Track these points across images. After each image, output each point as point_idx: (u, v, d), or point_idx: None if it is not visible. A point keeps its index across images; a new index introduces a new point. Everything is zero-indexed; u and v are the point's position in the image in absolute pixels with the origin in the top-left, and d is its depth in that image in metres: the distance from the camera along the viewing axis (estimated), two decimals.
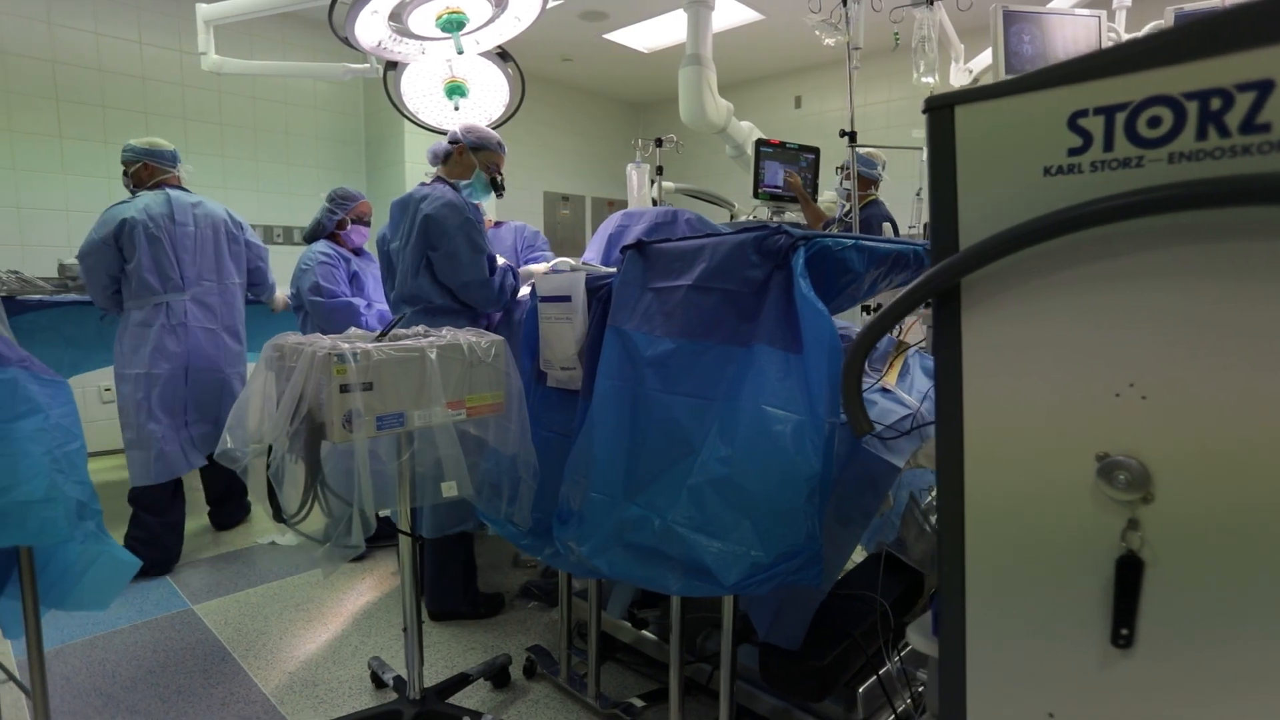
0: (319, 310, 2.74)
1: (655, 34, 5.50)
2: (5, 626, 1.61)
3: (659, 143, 3.29)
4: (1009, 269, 0.89)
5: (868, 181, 3.42)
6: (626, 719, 1.73)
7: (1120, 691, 0.83)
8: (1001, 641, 0.91)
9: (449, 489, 1.45)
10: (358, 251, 3.02)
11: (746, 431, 1.22)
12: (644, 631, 2.02)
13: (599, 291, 1.63)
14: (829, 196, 4.12)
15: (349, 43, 2.60)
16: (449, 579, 2.29)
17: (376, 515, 1.59)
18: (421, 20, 2.52)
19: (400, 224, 2.19)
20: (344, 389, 1.33)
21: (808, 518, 1.18)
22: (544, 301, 1.71)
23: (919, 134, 2.70)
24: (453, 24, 2.51)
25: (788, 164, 3.58)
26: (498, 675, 1.95)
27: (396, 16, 2.51)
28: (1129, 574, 0.79)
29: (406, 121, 5.06)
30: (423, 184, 2.29)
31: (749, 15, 5.11)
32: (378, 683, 1.96)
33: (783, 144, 3.55)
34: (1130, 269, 0.78)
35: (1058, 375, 0.84)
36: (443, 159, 2.32)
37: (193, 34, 4.49)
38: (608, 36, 5.48)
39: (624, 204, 7.68)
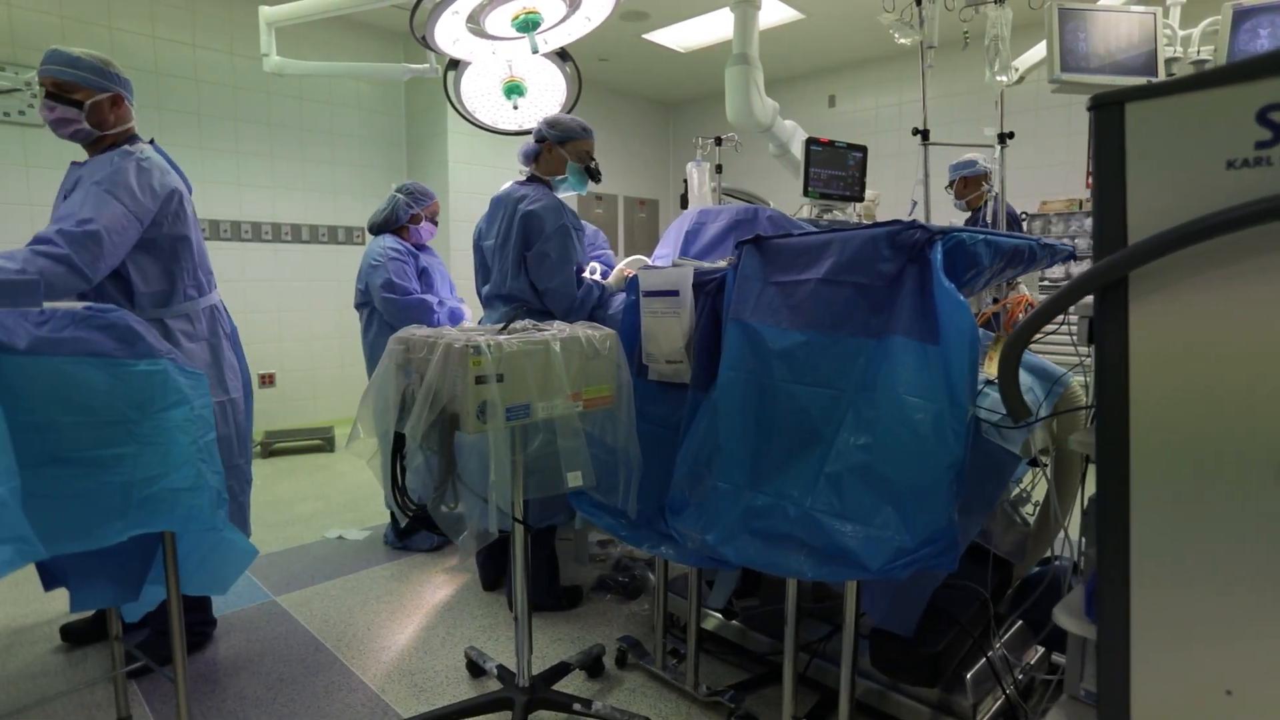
0: (391, 307, 2.75)
1: (693, 34, 5.53)
2: (127, 610, 1.66)
3: (718, 141, 3.31)
4: (1183, 261, 0.91)
5: (978, 179, 3.41)
6: (731, 706, 1.76)
7: None
8: (1171, 619, 0.93)
9: (574, 479, 1.48)
10: (421, 247, 3.01)
11: (886, 420, 1.25)
12: (732, 621, 2.06)
13: (706, 286, 1.66)
14: (872, 195, 4.14)
15: (425, 43, 2.65)
16: (533, 572, 2.33)
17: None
18: (498, 21, 2.56)
19: (496, 221, 2.24)
20: (479, 380, 1.36)
21: (949, 504, 1.21)
22: (648, 296, 1.75)
23: (990, 131, 2.73)
24: (529, 24, 2.55)
25: (836, 163, 3.60)
26: (592, 665, 1.98)
27: (474, 18, 2.55)
28: None
29: (449, 122, 5.14)
30: (517, 183, 2.33)
31: (789, 14, 5.13)
32: (474, 671, 2.00)
33: (832, 143, 3.57)
34: None
35: (1236, 368, 0.86)
36: (533, 158, 2.34)
37: (244, 36, 4.57)
38: (646, 36, 5.51)
39: (655, 203, 7.72)
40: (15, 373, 1.18)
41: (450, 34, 2.60)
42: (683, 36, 5.59)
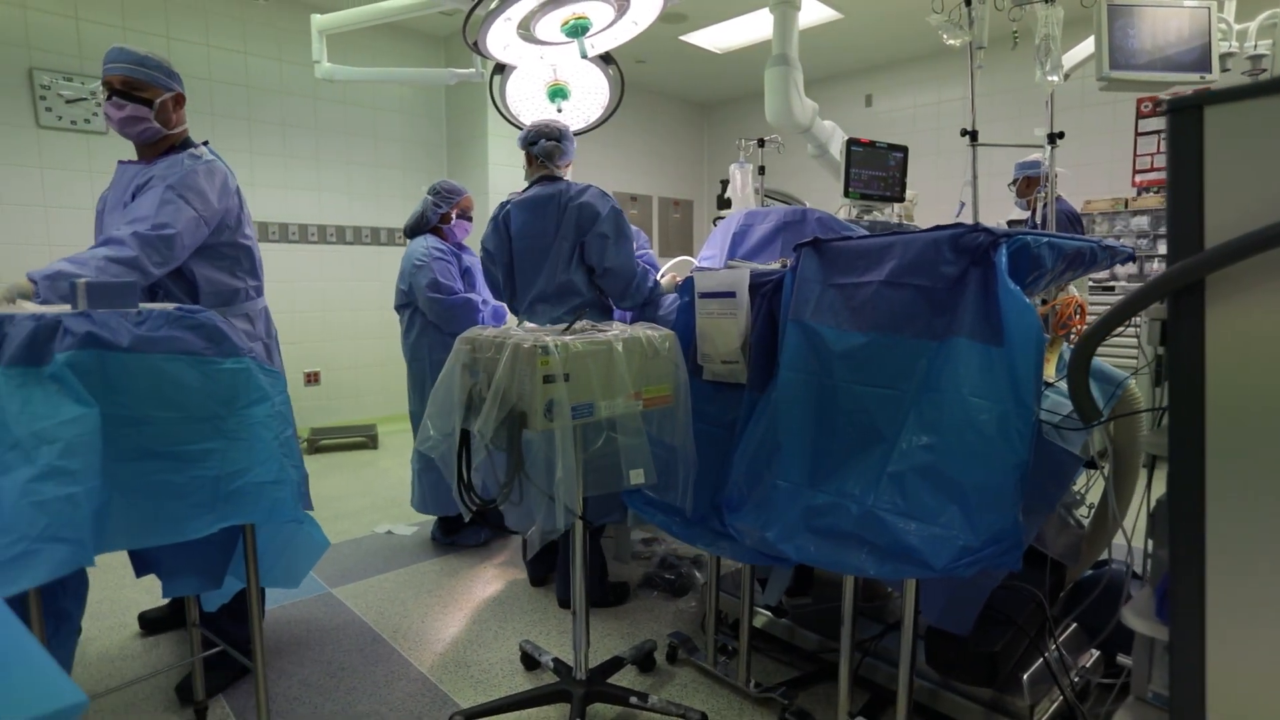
0: (437, 307, 2.78)
1: (730, 35, 5.54)
2: (206, 599, 1.74)
3: (761, 143, 3.33)
4: (1263, 263, 0.91)
5: (1037, 180, 3.37)
6: (784, 702, 1.79)
7: None
8: (1247, 620, 0.93)
9: (636, 476, 1.52)
10: (462, 247, 3.01)
11: (950, 421, 1.27)
12: (781, 619, 2.08)
13: (763, 287, 1.69)
14: (911, 195, 4.13)
15: (477, 49, 2.70)
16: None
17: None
18: (547, 26, 2.61)
19: (536, 221, 2.27)
20: (547, 379, 1.40)
21: (1014, 504, 1.22)
22: (704, 298, 1.77)
23: (1040, 131, 2.71)
24: (578, 29, 2.59)
25: (877, 163, 3.59)
26: (644, 660, 2.02)
27: (524, 24, 2.60)
28: None
29: (489, 125, 5.22)
30: (540, 182, 2.37)
31: (827, 14, 5.12)
32: (529, 664, 2.04)
33: (873, 143, 3.57)
34: None
35: None
36: (556, 159, 2.41)
37: (293, 43, 4.69)
38: (683, 38, 5.54)
39: (689, 204, 7.73)
40: (118, 369, 1.25)
41: (501, 40, 2.66)
42: (719, 38, 5.61)
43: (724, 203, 4.08)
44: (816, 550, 1.41)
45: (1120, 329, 1.10)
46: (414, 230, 2.96)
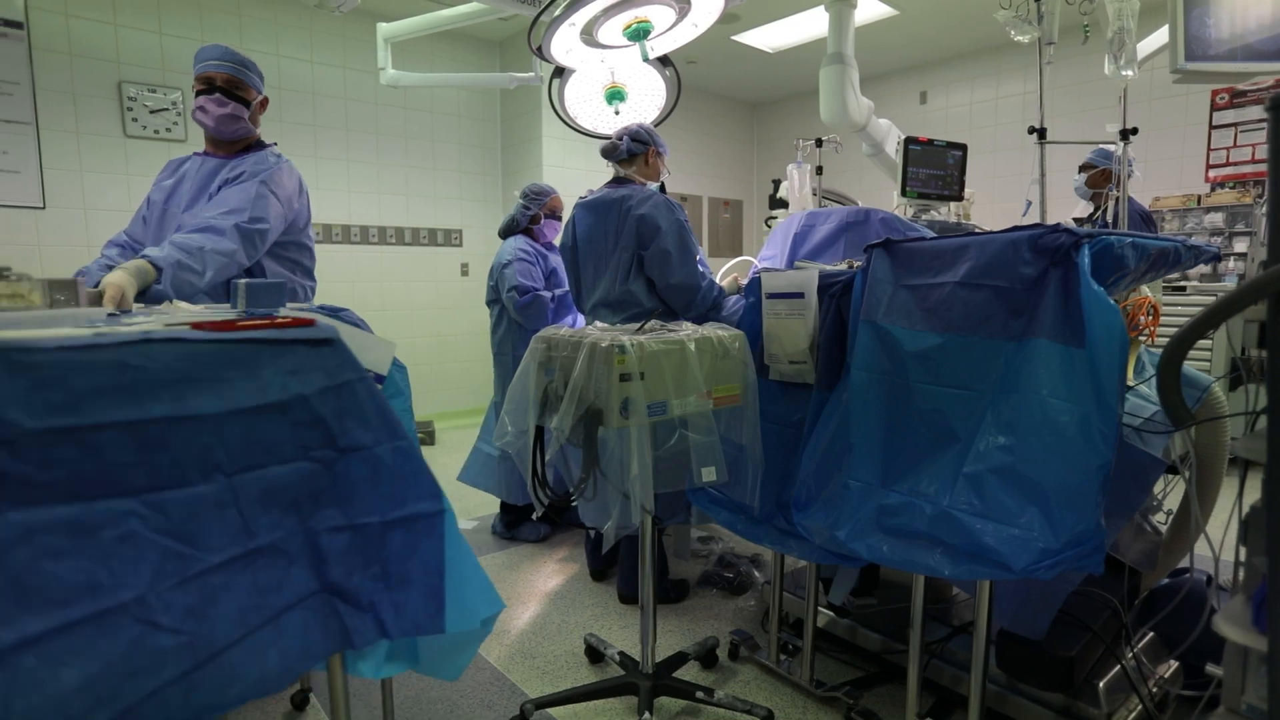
0: (513, 306, 2.85)
1: (782, 34, 5.52)
2: None
3: (819, 142, 3.32)
4: None
5: (1109, 175, 3.26)
6: (849, 701, 1.79)
7: None
8: None
9: (708, 474, 1.54)
10: (551, 246, 3.07)
11: (1029, 422, 1.26)
12: (843, 619, 2.08)
13: (831, 288, 1.69)
14: (968, 193, 4.05)
15: (540, 54, 2.76)
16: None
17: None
18: (610, 30, 2.65)
19: (600, 226, 2.30)
20: (623, 378, 1.44)
21: (1096, 506, 1.21)
22: (771, 298, 1.79)
23: (1112, 127, 2.64)
24: (640, 32, 2.63)
25: (935, 162, 3.54)
26: (706, 656, 2.04)
27: (587, 29, 2.65)
28: None
29: (543, 127, 5.31)
30: (610, 185, 2.40)
31: (882, 11, 5.06)
32: (593, 657, 2.09)
33: (931, 141, 3.52)
34: None
35: None
36: (631, 161, 2.40)
37: (357, 51, 4.84)
38: (735, 38, 5.54)
39: (739, 204, 7.71)
40: None
41: (565, 45, 2.71)
42: (772, 37, 5.59)
43: (776, 203, 4.07)
44: (889, 550, 1.41)
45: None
46: (506, 231, 3.05)
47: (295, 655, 0.86)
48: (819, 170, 3.39)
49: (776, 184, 4.01)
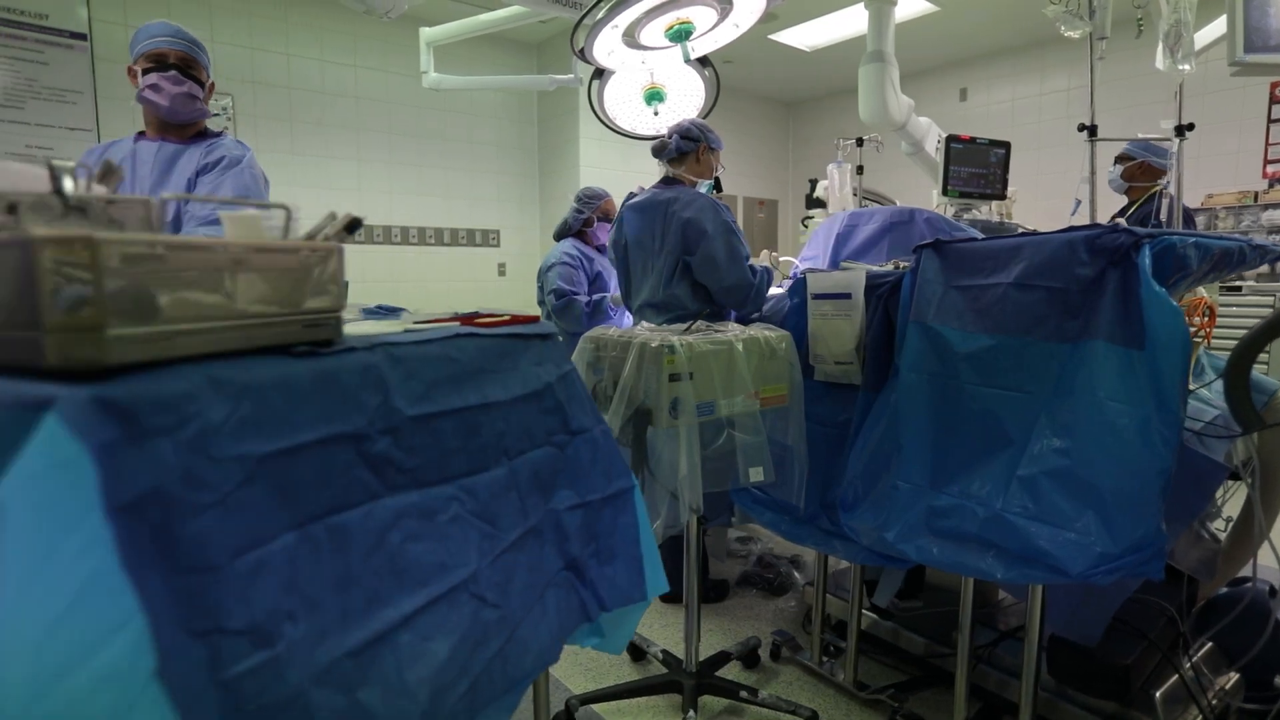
0: (552, 309, 2.89)
1: (819, 32, 5.48)
2: None
3: (860, 142, 3.29)
4: None
5: (1156, 171, 3.17)
6: (894, 705, 1.78)
7: None
8: None
9: (756, 474, 1.55)
10: (602, 249, 3.04)
11: (1086, 425, 1.24)
12: (886, 621, 2.06)
13: (879, 289, 1.68)
14: (1010, 192, 3.98)
15: (583, 56, 2.79)
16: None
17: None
18: (652, 32, 2.67)
19: (647, 228, 2.30)
20: (673, 378, 1.45)
21: (1157, 511, 1.19)
22: (817, 299, 1.79)
23: (1167, 124, 2.58)
24: (682, 33, 2.64)
25: (978, 160, 3.48)
26: (748, 656, 2.04)
27: (629, 30, 2.67)
28: None
29: (580, 128, 5.35)
30: (659, 186, 2.40)
31: (922, 7, 4.99)
32: (635, 655, 2.10)
33: (973, 139, 3.47)
34: None
35: None
36: (681, 160, 2.39)
37: (399, 55, 4.93)
38: (772, 37, 5.51)
39: (774, 203, 7.66)
40: None
41: (607, 47, 2.73)
42: (808, 35, 5.55)
43: (813, 202, 4.04)
44: (939, 552, 1.40)
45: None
46: (559, 234, 3.07)
47: (557, 631, 0.92)
48: (860, 170, 3.36)
49: (813, 183, 3.99)
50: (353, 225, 0.73)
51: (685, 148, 2.36)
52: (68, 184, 0.60)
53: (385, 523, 0.70)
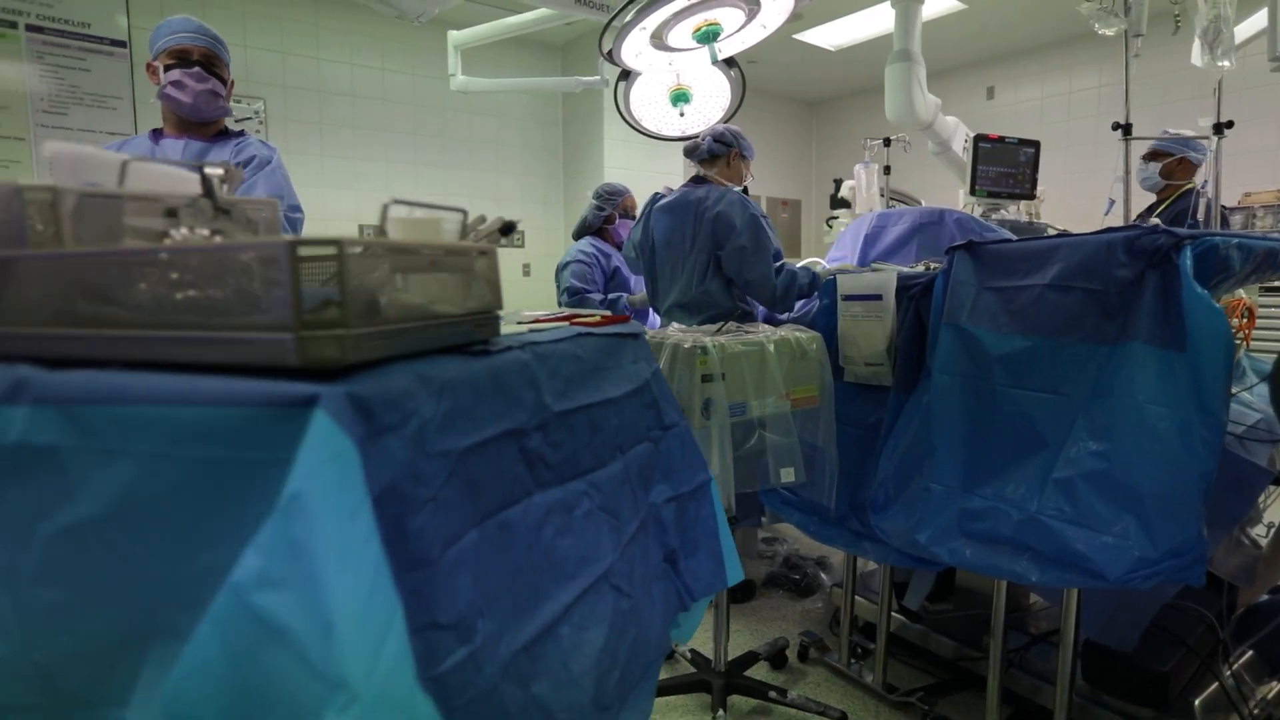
0: (567, 307, 2.92)
1: (844, 32, 5.45)
2: None
3: (887, 142, 3.27)
4: None
5: (1193, 166, 3.12)
6: (924, 707, 1.77)
7: None
8: None
9: (787, 475, 1.55)
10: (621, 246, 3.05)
11: (1124, 428, 1.23)
12: (915, 624, 2.05)
13: (910, 290, 1.68)
14: (1040, 192, 3.93)
15: (610, 58, 2.80)
16: None
17: None
18: (680, 34, 2.67)
19: (677, 228, 2.32)
20: (705, 379, 1.46)
21: (1198, 515, 1.17)
22: (847, 300, 1.78)
23: (1205, 121, 2.53)
24: (709, 35, 2.64)
25: (1006, 159, 3.44)
26: (776, 656, 2.04)
27: (656, 32, 2.68)
28: None
29: (605, 129, 5.37)
30: (687, 186, 2.41)
31: (950, 5, 4.95)
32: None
33: (1002, 139, 3.43)
34: None
35: None
36: (713, 162, 2.40)
37: (426, 58, 4.98)
38: (797, 36, 5.49)
39: (797, 203, 7.63)
40: None
41: (634, 49, 2.74)
42: (833, 35, 5.52)
43: (838, 202, 4.02)
44: (972, 554, 1.40)
45: None
46: (579, 233, 3.07)
47: (665, 622, 0.94)
48: (887, 170, 3.34)
49: (838, 183, 3.96)
50: (507, 229, 0.75)
51: (717, 150, 2.39)
52: (218, 188, 0.63)
53: (538, 518, 0.71)
